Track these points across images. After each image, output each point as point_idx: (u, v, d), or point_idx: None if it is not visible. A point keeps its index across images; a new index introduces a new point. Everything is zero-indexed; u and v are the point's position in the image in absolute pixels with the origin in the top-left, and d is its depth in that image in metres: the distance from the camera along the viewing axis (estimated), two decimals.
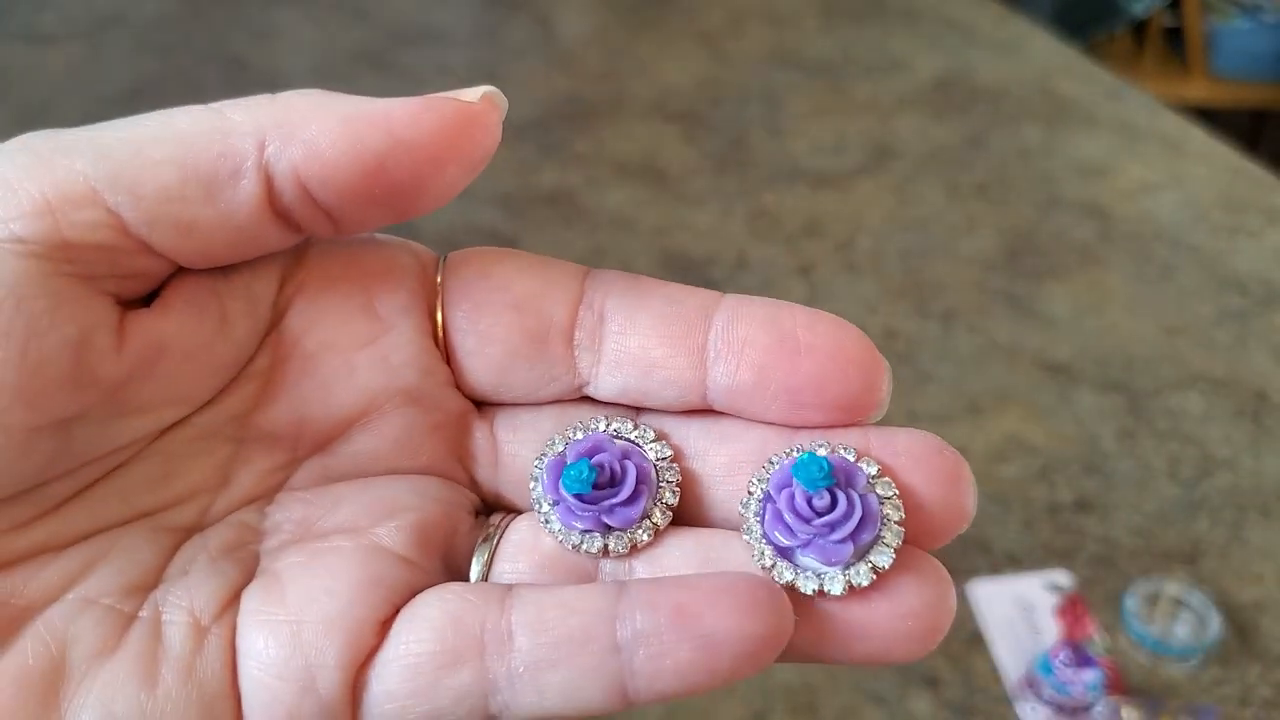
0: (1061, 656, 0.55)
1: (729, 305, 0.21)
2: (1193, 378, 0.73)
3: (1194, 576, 0.60)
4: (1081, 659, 0.55)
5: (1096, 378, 0.73)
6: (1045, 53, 1.12)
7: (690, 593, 0.18)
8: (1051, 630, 0.57)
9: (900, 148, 0.97)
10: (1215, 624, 0.57)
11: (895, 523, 0.20)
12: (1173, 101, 1.07)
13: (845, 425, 0.21)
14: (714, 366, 0.21)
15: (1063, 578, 0.60)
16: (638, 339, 0.21)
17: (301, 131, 0.19)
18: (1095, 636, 0.57)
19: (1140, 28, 1.86)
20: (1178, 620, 0.57)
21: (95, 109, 0.71)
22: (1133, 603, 0.58)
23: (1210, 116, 1.08)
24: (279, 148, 0.19)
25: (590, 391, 0.22)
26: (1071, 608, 0.58)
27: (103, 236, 0.19)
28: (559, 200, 0.90)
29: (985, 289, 0.81)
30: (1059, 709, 0.54)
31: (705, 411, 0.21)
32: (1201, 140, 0.96)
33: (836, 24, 1.18)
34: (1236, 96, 1.77)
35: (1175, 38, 1.84)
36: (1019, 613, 0.59)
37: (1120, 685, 0.55)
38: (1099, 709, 0.54)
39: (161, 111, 0.19)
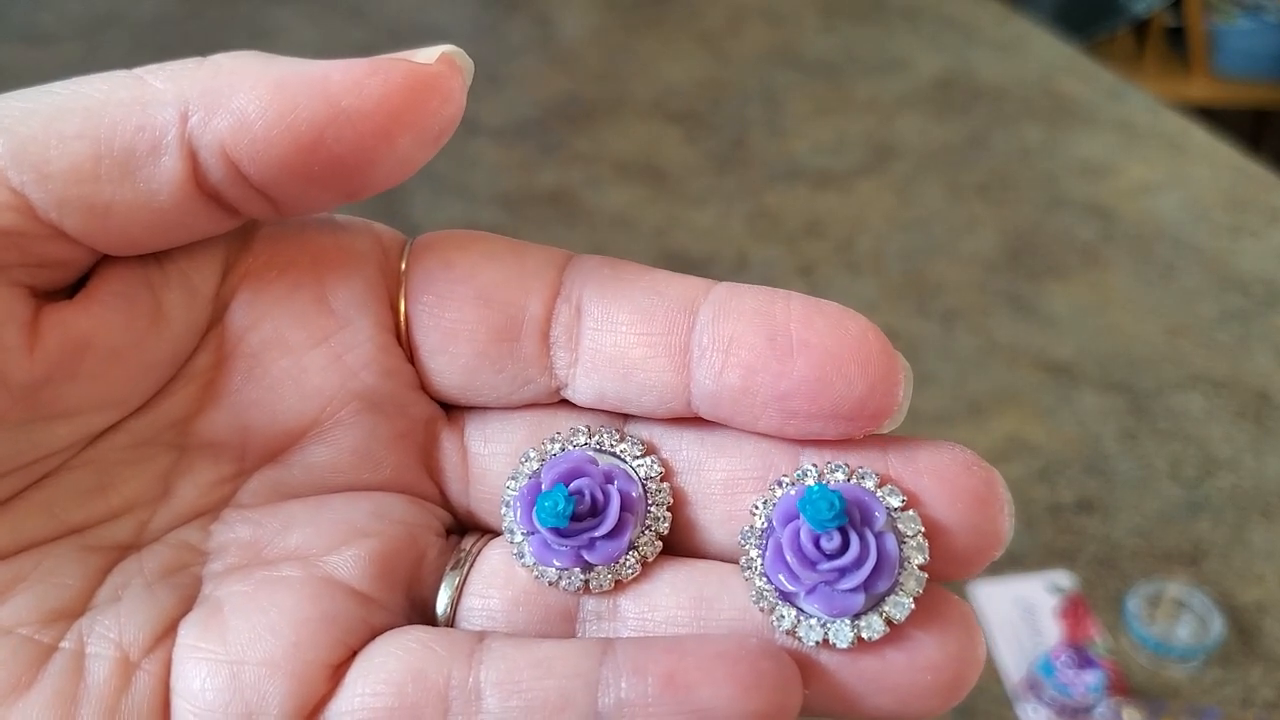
0: (1063, 658, 0.55)
1: (717, 297, 0.18)
2: (1194, 378, 0.73)
3: (1196, 578, 0.60)
4: (1083, 660, 0.55)
5: (1098, 378, 0.73)
6: (1047, 52, 1.11)
7: (683, 658, 0.16)
8: (1053, 631, 0.57)
9: (901, 147, 0.97)
10: (1217, 625, 0.57)
11: (917, 567, 0.17)
12: (1174, 101, 1.07)
13: (850, 438, 0.18)
14: (697, 368, 0.18)
15: (1064, 579, 0.60)
16: (613, 336, 0.18)
17: (229, 100, 0.16)
18: (1097, 638, 0.57)
19: (1142, 27, 1.85)
20: (1179, 621, 0.57)
21: None
22: (1134, 604, 0.58)
23: (1212, 116, 1.08)
24: (203, 118, 0.16)
25: (568, 395, 0.19)
26: (1073, 609, 0.57)
27: (7, 220, 0.16)
28: (559, 200, 0.90)
29: (986, 289, 0.81)
30: (1060, 710, 0.54)
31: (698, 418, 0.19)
32: (1203, 140, 0.96)
33: (837, 23, 1.18)
34: (1238, 96, 1.76)
35: (1177, 37, 1.84)
36: (1020, 614, 0.58)
37: (1122, 687, 0.55)
38: (1100, 710, 0.54)
39: (77, 79, 0.17)
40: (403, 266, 0.19)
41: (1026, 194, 0.91)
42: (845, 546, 0.17)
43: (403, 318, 0.19)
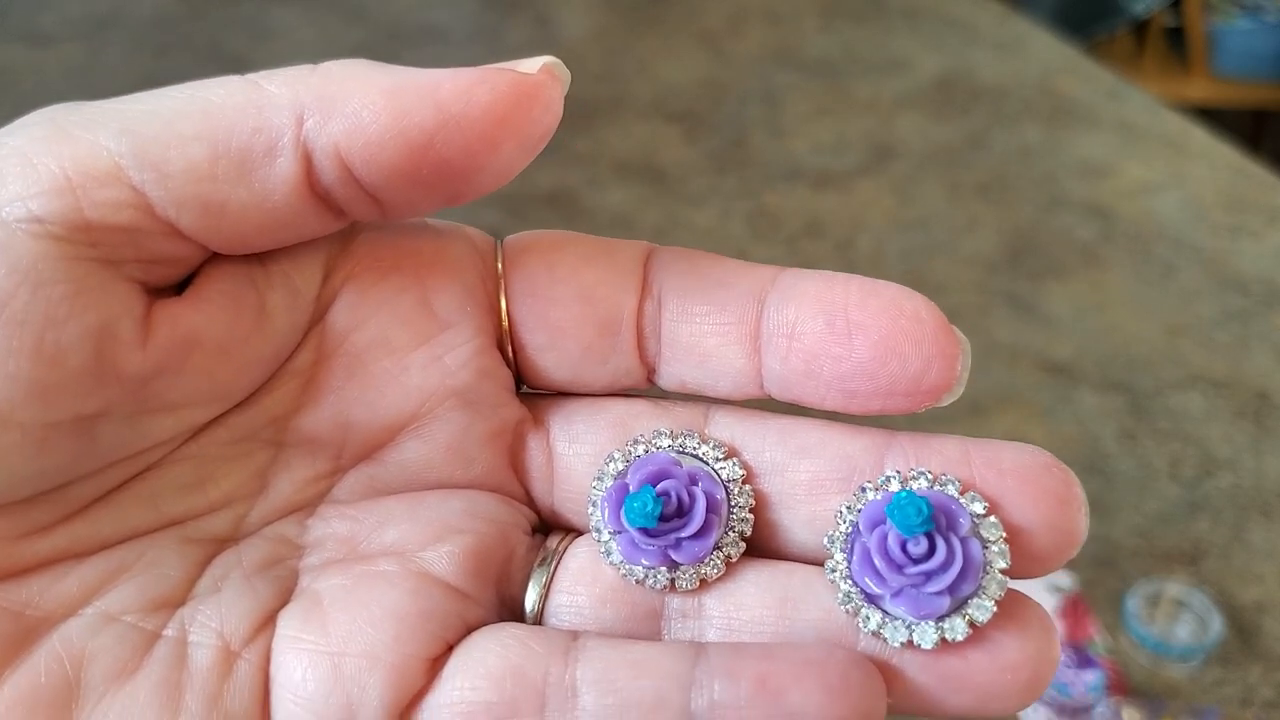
0: (1062, 657, 0.55)
1: (782, 285, 0.19)
2: (1194, 378, 0.73)
3: (1195, 577, 0.60)
4: (1083, 660, 0.55)
5: (1097, 378, 0.73)
6: (1046, 52, 1.11)
7: (775, 664, 0.17)
8: None
9: (901, 147, 0.97)
10: (1216, 625, 0.57)
11: (999, 571, 0.18)
12: (1174, 101, 1.07)
13: (912, 410, 0.18)
14: (766, 355, 0.19)
15: (1064, 578, 0.60)
16: (689, 328, 0.19)
17: (343, 105, 0.17)
18: (1096, 637, 0.57)
19: (1141, 27, 1.85)
20: (1179, 621, 0.57)
21: None
22: (1134, 603, 0.58)
23: (1211, 116, 1.08)
24: (319, 123, 0.17)
25: (657, 381, 0.20)
26: (1073, 608, 0.58)
27: (127, 217, 0.17)
28: (559, 200, 0.90)
29: (986, 289, 0.81)
30: (1060, 710, 0.54)
31: (783, 413, 0.20)
32: (1203, 140, 0.96)
33: (837, 23, 1.18)
34: (1238, 96, 1.76)
35: (1176, 37, 1.84)
36: None
37: (1121, 686, 0.55)
38: (1100, 710, 0.54)
39: (194, 83, 0.18)
40: (499, 267, 0.20)
41: (1026, 194, 0.91)
42: (931, 551, 0.18)
43: (504, 318, 0.20)
